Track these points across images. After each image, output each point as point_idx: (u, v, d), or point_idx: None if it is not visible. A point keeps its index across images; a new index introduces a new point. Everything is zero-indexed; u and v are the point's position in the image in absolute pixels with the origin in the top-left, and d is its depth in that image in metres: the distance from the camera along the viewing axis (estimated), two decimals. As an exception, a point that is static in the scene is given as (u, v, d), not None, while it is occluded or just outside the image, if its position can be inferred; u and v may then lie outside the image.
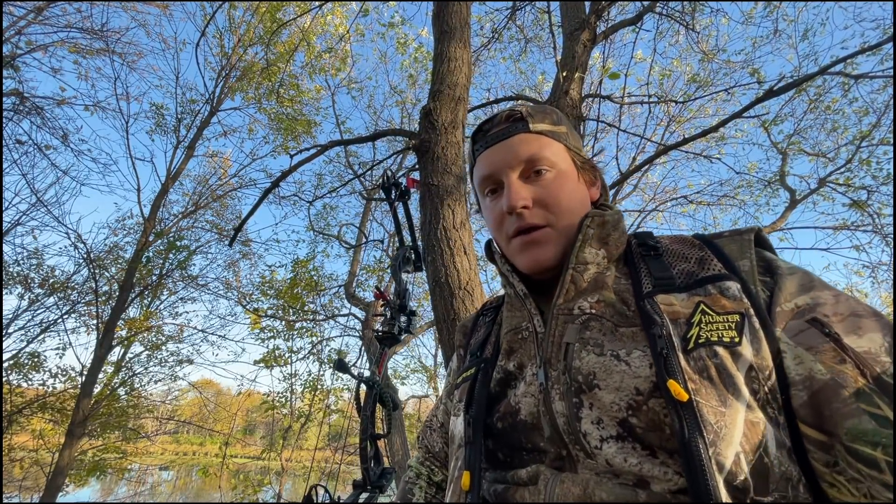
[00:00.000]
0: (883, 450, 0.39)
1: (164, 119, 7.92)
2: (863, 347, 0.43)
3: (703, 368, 0.45)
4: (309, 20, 6.71)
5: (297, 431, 8.02)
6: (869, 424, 0.40)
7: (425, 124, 2.24)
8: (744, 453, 0.42)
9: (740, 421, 0.43)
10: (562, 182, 0.62)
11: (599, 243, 0.59)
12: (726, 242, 0.56)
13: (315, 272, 8.12)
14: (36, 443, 7.22)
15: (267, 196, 2.79)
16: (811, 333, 0.46)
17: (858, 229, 5.81)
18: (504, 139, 0.63)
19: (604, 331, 0.53)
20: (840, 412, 0.42)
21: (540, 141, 0.63)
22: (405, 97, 9.00)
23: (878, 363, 0.42)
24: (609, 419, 0.48)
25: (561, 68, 2.84)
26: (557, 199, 0.61)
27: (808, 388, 0.44)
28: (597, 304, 0.56)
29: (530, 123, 0.63)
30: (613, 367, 0.49)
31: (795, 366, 0.45)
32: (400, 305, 1.22)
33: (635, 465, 0.46)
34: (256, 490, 7.12)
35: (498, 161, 0.63)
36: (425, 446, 0.85)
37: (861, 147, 5.65)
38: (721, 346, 0.46)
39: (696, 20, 4.03)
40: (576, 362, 0.52)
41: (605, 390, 0.49)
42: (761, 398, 0.45)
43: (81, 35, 6.36)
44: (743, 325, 0.47)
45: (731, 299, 0.49)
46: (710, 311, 0.49)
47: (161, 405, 9.41)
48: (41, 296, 7.23)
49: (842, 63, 2.91)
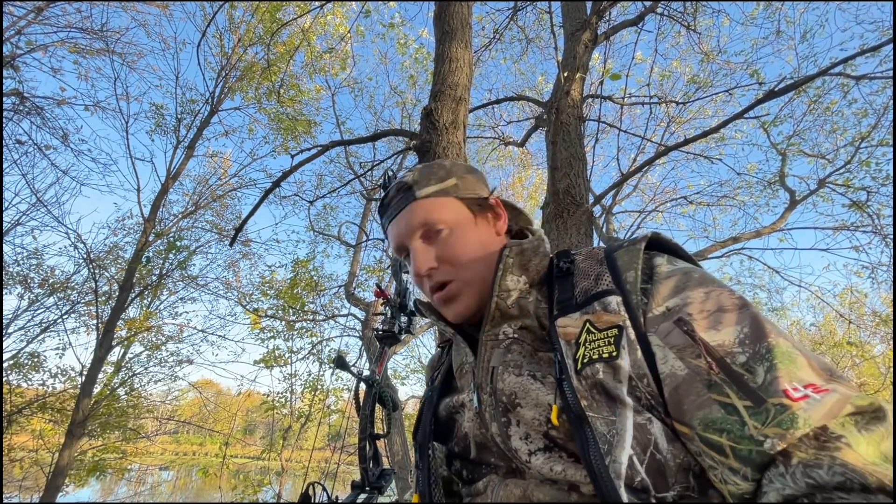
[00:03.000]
0: (727, 436, 0.41)
1: (163, 119, 7.91)
2: (717, 341, 0.45)
3: (593, 385, 0.49)
4: (309, 20, 6.71)
5: (297, 431, 8.01)
6: (718, 413, 0.42)
7: (426, 124, 2.24)
8: (636, 455, 0.45)
9: (629, 426, 0.46)
10: (458, 235, 0.65)
11: (520, 270, 0.62)
12: (621, 254, 0.58)
13: (315, 272, 8.12)
14: (36, 443, 7.21)
15: (267, 196, 2.79)
16: (676, 333, 0.48)
17: (858, 230, 5.82)
18: (398, 213, 0.68)
19: (524, 353, 0.58)
20: (694, 403, 0.44)
21: (428, 205, 0.66)
22: (406, 97, 9.00)
23: (729, 354, 0.44)
24: (535, 433, 0.53)
25: (562, 69, 2.85)
26: (456, 253, 0.64)
27: (671, 384, 0.46)
28: (519, 330, 0.60)
29: (416, 191, 0.67)
30: (530, 385, 0.54)
31: (662, 365, 0.48)
32: (400, 305, 1.22)
33: (560, 472, 0.50)
34: (256, 490, 7.11)
35: (400, 234, 0.68)
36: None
37: (860, 148, 5.65)
38: (602, 362, 0.49)
39: (698, 21, 4.03)
40: (499, 384, 0.56)
41: (525, 408, 0.54)
42: (644, 403, 0.48)
43: (81, 35, 6.36)
44: (620, 338, 0.50)
45: (611, 314, 0.52)
46: (593, 329, 0.52)
47: (161, 405, 9.40)
48: (41, 296, 7.22)
49: (841, 64, 2.92)
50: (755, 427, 0.40)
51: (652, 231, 0.61)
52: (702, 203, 7.35)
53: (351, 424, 7.41)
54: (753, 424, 0.40)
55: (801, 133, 6.45)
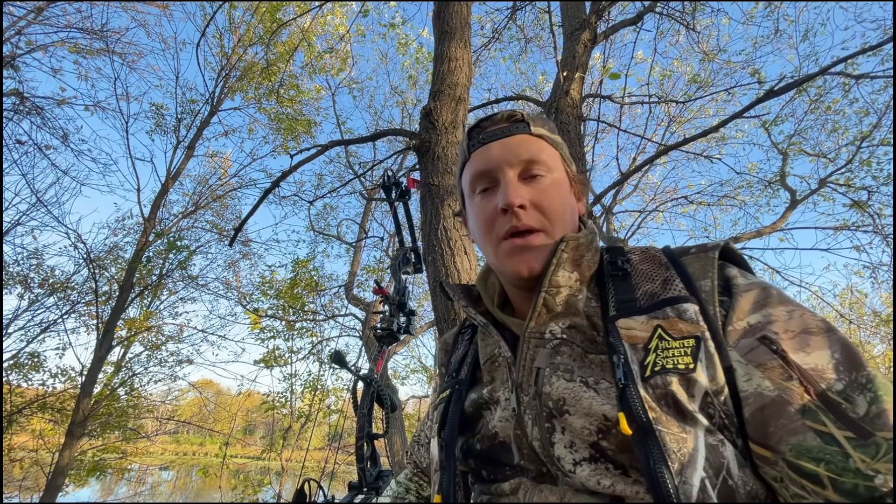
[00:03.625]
0: (825, 466, 0.39)
1: (163, 119, 7.92)
2: (809, 364, 0.43)
3: (662, 396, 0.46)
4: (309, 20, 6.71)
5: (297, 431, 8.01)
6: (813, 441, 0.40)
7: (426, 124, 2.24)
8: (708, 478, 0.42)
9: (702, 446, 0.44)
10: (558, 188, 0.61)
11: (573, 266, 0.58)
12: (691, 261, 0.55)
13: (315, 272, 8.12)
14: (36, 443, 7.21)
15: (267, 196, 2.78)
16: (760, 351, 0.46)
17: (859, 230, 5.81)
18: (503, 137, 0.62)
19: (574, 356, 0.54)
20: (785, 428, 0.42)
21: (540, 144, 0.62)
22: (406, 97, 9.01)
23: (824, 380, 0.42)
24: (581, 442, 0.49)
25: (561, 68, 2.84)
26: (553, 204, 0.59)
27: (755, 404, 0.44)
28: (567, 330, 0.56)
29: (532, 126, 0.62)
30: (582, 393, 0.50)
31: (745, 383, 0.45)
32: (399, 304, 1.22)
33: (608, 486, 0.47)
34: (256, 490, 7.11)
35: (496, 158, 0.61)
36: (414, 462, 0.86)
37: (861, 147, 5.64)
38: (676, 373, 0.46)
39: (697, 20, 4.03)
40: (546, 388, 0.53)
41: (574, 416, 0.50)
42: (717, 422, 0.45)
43: (81, 35, 6.36)
44: (698, 350, 0.47)
45: (688, 322, 0.49)
46: (666, 336, 0.49)
47: (161, 405, 9.40)
48: (41, 296, 7.23)
49: (842, 63, 2.91)
50: (862, 461, 0.38)
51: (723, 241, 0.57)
52: (702, 203, 7.34)
53: (350, 424, 7.40)
54: (860, 458, 0.38)
55: (802, 132, 6.45)
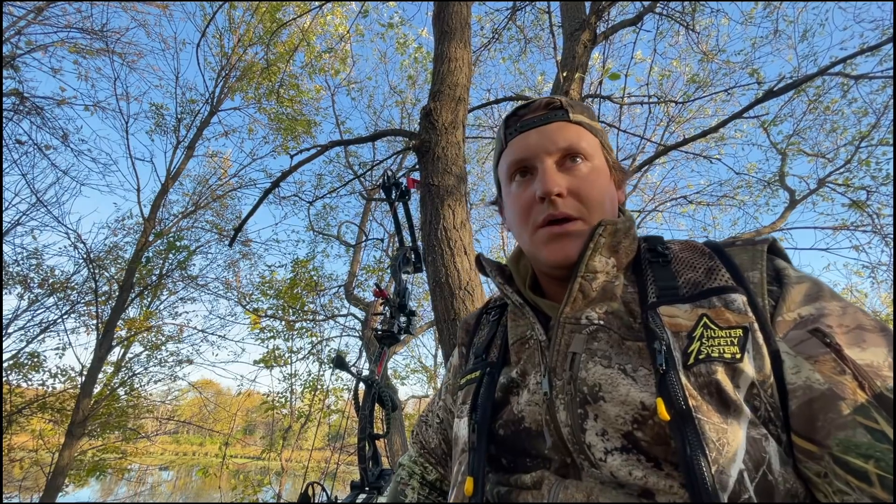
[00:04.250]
0: (875, 463, 0.38)
1: (163, 119, 7.92)
2: (865, 360, 0.42)
3: (705, 385, 0.45)
4: (309, 20, 6.71)
5: (297, 431, 8.02)
6: (864, 437, 0.39)
7: (425, 124, 2.25)
8: (747, 471, 0.41)
9: (743, 437, 0.42)
10: (597, 176, 0.60)
11: (610, 252, 0.57)
12: (738, 252, 0.54)
13: (315, 272, 8.12)
14: (36, 443, 7.22)
15: (267, 196, 2.79)
16: (812, 343, 0.45)
17: (858, 229, 5.81)
18: (542, 125, 0.61)
19: (611, 343, 0.52)
20: (834, 423, 0.41)
21: (579, 131, 0.61)
22: (405, 97, 9.01)
23: (880, 377, 0.41)
24: (614, 431, 0.48)
25: (561, 68, 2.85)
26: (591, 192, 0.58)
27: (803, 397, 0.43)
28: (605, 315, 0.55)
29: (570, 113, 0.61)
30: (620, 380, 0.49)
31: (793, 375, 0.44)
32: (399, 305, 1.22)
33: (640, 478, 0.45)
34: (256, 490, 7.12)
35: (534, 146, 0.60)
36: (420, 442, 0.84)
37: (860, 147, 5.65)
38: (722, 362, 0.45)
39: (696, 20, 4.03)
40: (582, 373, 0.51)
41: (610, 403, 0.48)
42: (762, 415, 0.44)
43: (81, 35, 6.36)
44: (746, 340, 0.46)
45: (735, 313, 0.48)
46: (712, 325, 0.48)
47: (161, 405, 9.41)
48: (41, 296, 7.23)
49: (841, 64, 2.92)
50: None
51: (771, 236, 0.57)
52: (702, 203, 7.34)
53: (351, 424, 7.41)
54: None
55: (801, 132, 6.45)
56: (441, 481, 0.80)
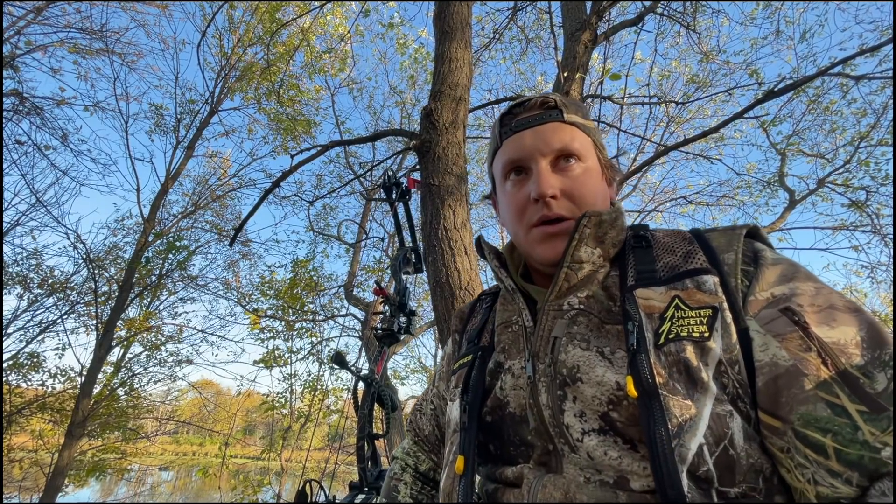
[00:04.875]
0: (833, 437, 0.39)
1: (163, 119, 7.92)
2: (832, 338, 0.43)
3: (674, 363, 0.46)
4: (309, 20, 6.71)
5: (297, 431, 8.01)
6: (823, 412, 0.40)
7: (426, 124, 2.24)
8: (707, 445, 0.42)
9: (706, 414, 0.44)
10: (589, 176, 0.61)
11: (595, 242, 0.58)
12: (717, 236, 0.56)
13: (315, 272, 8.12)
14: (35, 443, 7.21)
15: (267, 196, 2.79)
16: (781, 322, 0.46)
17: (857, 230, 5.82)
18: (536, 125, 0.62)
19: (591, 326, 0.54)
20: (796, 398, 0.42)
21: (573, 132, 0.61)
22: (405, 97, 9.00)
23: (845, 354, 0.42)
24: (591, 412, 0.49)
25: (561, 69, 2.85)
26: (584, 193, 0.59)
27: (769, 374, 0.44)
28: (585, 300, 0.56)
29: (565, 113, 0.62)
30: (597, 362, 0.50)
31: (761, 353, 0.45)
32: (399, 304, 1.22)
33: (615, 458, 0.47)
34: (256, 490, 7.11)
35: (528, 146, 0.61)
36: (414, 430, 0.85)
37: (860, 148, 5.65)
38: (690, 340, 0.46)
39: (697, 21, 4.04)
40: (561, 356, 0.53)
41: (587, 384, 0.50)
42: (731, 392, 0.45)
43: (81, 35, 6.36)
44: (715, 319, 0.47)
45: (706, 293, 0.49)
46: (683, 306, 0.49)
47: (161, 405, 9.40)
48: (40, 296, 7.22)
49: (841, 64, 2.92)
50: (871, 433, 0.38)
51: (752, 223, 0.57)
52: (701, 203, 7.34)
53: (350, 424, 7.40)
54: (870, 430, 0.38)
55: (801, 133, 6.45)
56: (434, 471, 0.81)
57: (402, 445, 0.86)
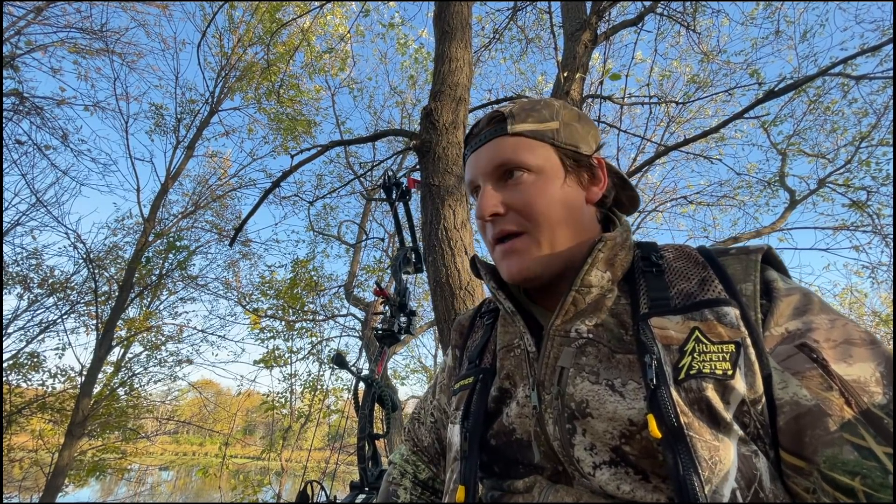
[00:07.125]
0: (861, 480, 0.38)
1: (163, 119, 7.93)
2: (852, 376, 0.42)
3: (695, 401, 0.44)
4: (309, 20, 6.71)
5: (297, 431, 8.02)
6: (850, 455, 0.39)
7: (426, 124, 2.25)
8: (740, 490, 0.41)
9: (734, 455, 0.42)
10: (540, 186, 0.58)
11: (606, 265, 0.56)
12: (731, 262, 0.54)
13: (315, 272, 8.12)
14: (35, 443, 7.22)
15: (267, 196, 2.79)
16: (799, 358, 0.45)
17: (858, 230, 5.81)
18: (483, 143, 0.62)
19: (600, 357, 0.52)
20: (821, 440, 0.41)
21: (517, 143, 0.59)
22: (405, 97, 9.01)
23: (867, 393, 0.41)
24: (602, 445, 0.48)
25: (562, 69, 2.85)
26: (531, 204, 0.57)
27: (790, 413, 0.43)
28: (594, 328, 0.54)
29: (509, 125, 0.60)
30: (607, 396, 0.48)
31: (780, 391, 0.44)
32: (400, 304, 1.22)
33: (628, 492, 0.46)
34: (256, 490, 7.12)
35: (476, 167, 0.62)
36: (413, 440, 0.83)
37: (860, 148, 5.65)
38: (713, 379, 0.44)
39: (697, 21, 4.03)
40: (569, 388, 0.51)
41: (597, 419, 0.48)
42: (751, 432, 0.44)
43: (81, 35, 6.37)
44: (738, 356, 0.45)
45: (727, 327, 0.47)
46: (704, 339, 0.47)
47: (161, 405, 9.40)
48: (41, 296, 7.23)
49: (841, 64, 2.92)
50: None
51: (766, 245, 0.55)
52: (702, 203, 7.34)
53: (350, 424, 7.41)
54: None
55: (801, 133, 6.45)
56: (433, 480, 0.80)
57: (399, 452, 0.85)
